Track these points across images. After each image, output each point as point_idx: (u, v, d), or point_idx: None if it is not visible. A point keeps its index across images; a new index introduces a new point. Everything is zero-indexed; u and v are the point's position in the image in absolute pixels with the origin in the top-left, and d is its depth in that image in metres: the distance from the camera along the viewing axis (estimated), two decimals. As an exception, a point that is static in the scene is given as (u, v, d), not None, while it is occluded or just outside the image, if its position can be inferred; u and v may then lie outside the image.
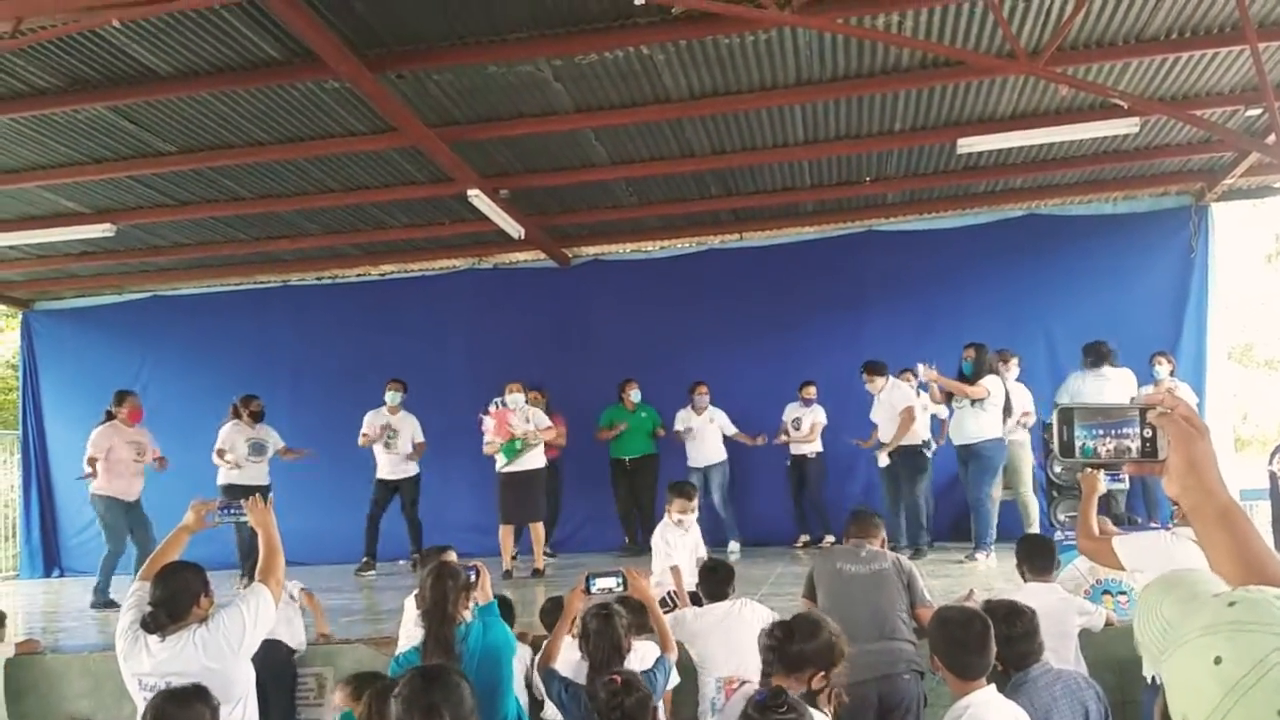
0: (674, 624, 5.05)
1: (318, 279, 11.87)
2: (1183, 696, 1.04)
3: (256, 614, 3.61)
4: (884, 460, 8.59)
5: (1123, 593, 5.33)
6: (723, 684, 3.67)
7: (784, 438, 9.83)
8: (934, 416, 9.13)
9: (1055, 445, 1.48)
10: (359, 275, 11.82)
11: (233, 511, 4.01)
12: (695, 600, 5.78)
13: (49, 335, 12.33)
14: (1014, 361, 8.92)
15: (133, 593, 3.71)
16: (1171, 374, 9.07)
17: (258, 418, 9.09)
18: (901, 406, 8.60)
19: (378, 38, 6.28)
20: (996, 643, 3.53)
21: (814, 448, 9.77)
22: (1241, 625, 1.01)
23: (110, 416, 8.47)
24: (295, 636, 5.40)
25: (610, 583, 3.95)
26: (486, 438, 8.60)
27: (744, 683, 3.65)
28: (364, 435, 9.35)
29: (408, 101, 7.13)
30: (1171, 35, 6.68)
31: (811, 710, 3.29)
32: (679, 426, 9.80)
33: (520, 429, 8.46)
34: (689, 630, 4.85)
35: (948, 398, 8.24)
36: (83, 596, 8.12)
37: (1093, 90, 7.03)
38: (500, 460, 8.56)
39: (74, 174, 8.21)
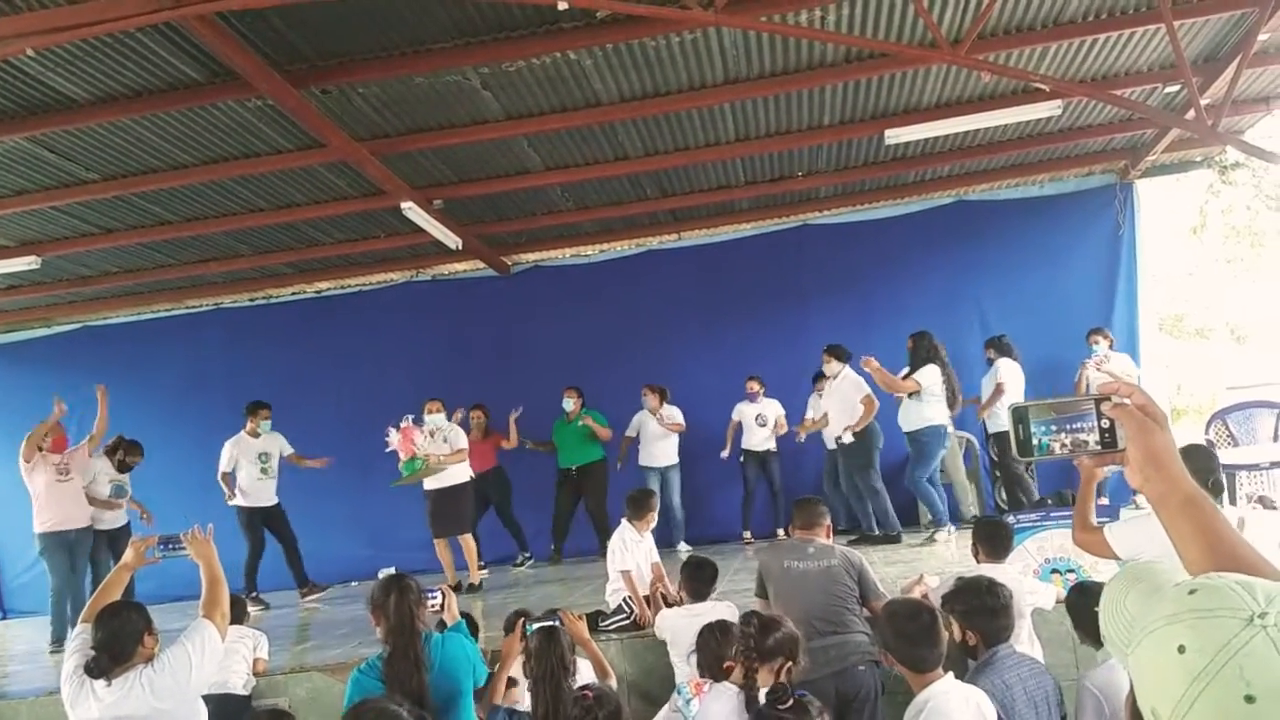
0: (661, 623, 5.07)
1: (251, 300, 11.67)
2: (1150, 688, 1.03)
3: (203, 651, 3.53)
4: (848, 437, 8.62)
5: (1071, 571, 5.43)
6: (690, 687, 3.67)
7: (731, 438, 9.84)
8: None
9: (1013, 445, 1.45)
10: (294, 293, 11.64)
11: (173, 547, 3.92)
12: (648, 603, 5.80)
13: (-24, 373, 11.98)
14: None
15: (75, 635, 3.62)
16: (1111, 348, 9.24)
17: (125, 467, 8.79)
18: (857, 395, 8.60)
19: (299, 54, 6.19)
20: (977, 616, 3.58)
21: (771, 442, 9.77)
22: (1203, 612, 1.00)
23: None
24: (241, 679, 5.29)
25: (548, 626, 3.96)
26: (389, 449, 8.39)
27: (711, 683, 3.65)
28: (225, 474, 9.06)
29: (334, 116, 7.03)
30: (1089, 17, 6.81)
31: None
32: (630, 432, 9.79)
33: (423, 449, 8.21)
34: (674, 628, 4.86)
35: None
36: (30, 638, 7.89)
37: (1014, 75, 7.15)
38: (426, 481, 8.41)
39: (-7, 207, 7.99)
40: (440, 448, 8.26)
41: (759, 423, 9.70)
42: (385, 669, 3.49)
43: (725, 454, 9.77)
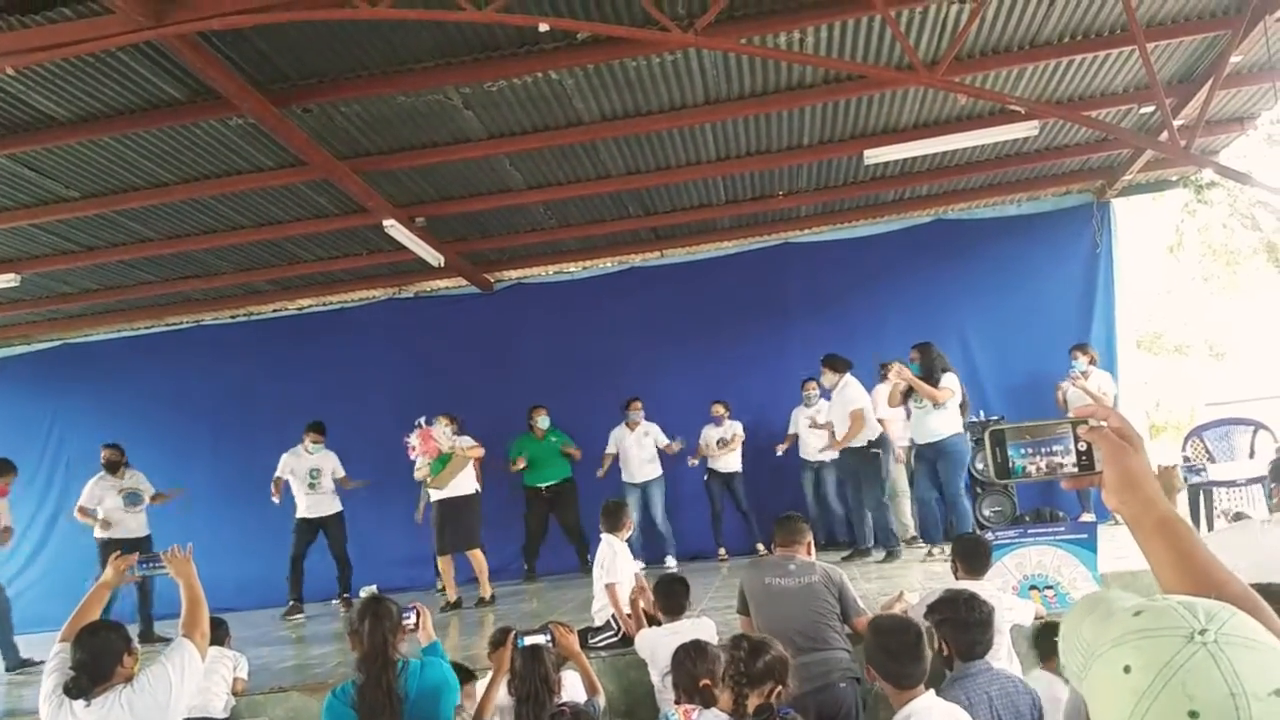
0: (640, 642, 5.06)
1: (233, 317, 11.65)
2: (1101, 710, 1.05)
3: (183, 670, 3.51)
4: (833, 454, 8.63)
5: (1049, 587, 5.47)
6: (679, 714, 3.65)
7: (707, 453, 9.85)
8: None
9: (990, 468, 1.48)
10: (275, 310, 11.62)
11: (152, 565, 3.91)
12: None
13: (-46, 390, 11.90)
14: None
15: (54, 655, 3.58)
16: (1091, 363, 9.30)
17: (115, 468, 8.68)
18: (853, 406, 8.45)
19: (281, 73, 6.22)
20: (953, 629, 3.61)
21: (737, 464, 9.80)
22: (1146, 632, 1.03)
23: None
24: (220, 700, 5.26)
25: (539, 639, 3.96)
26: (414, 458, 8.47)
27: (700, 710, 3.63)
28: (278, 479, 9.24)
29: (315, 135, 7.06)
30: (1064, 39, 6.91)
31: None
32: (610, 449, 9.80)
33: (446, 444, 8.36)
34: (654, 647, 4.85)
35: (905, 399, 8.23)
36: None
37: (990, 98, 7.22)
38: (429, 481, 8.46)
39: (-28, 225, 7.97)
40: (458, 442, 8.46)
41: (719, 445, 9.77)
42: (357, 697, 3.45)
43: (675, 447, 9.79)
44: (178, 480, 8.96)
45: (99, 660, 3.44)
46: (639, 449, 9.73)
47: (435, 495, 8.48)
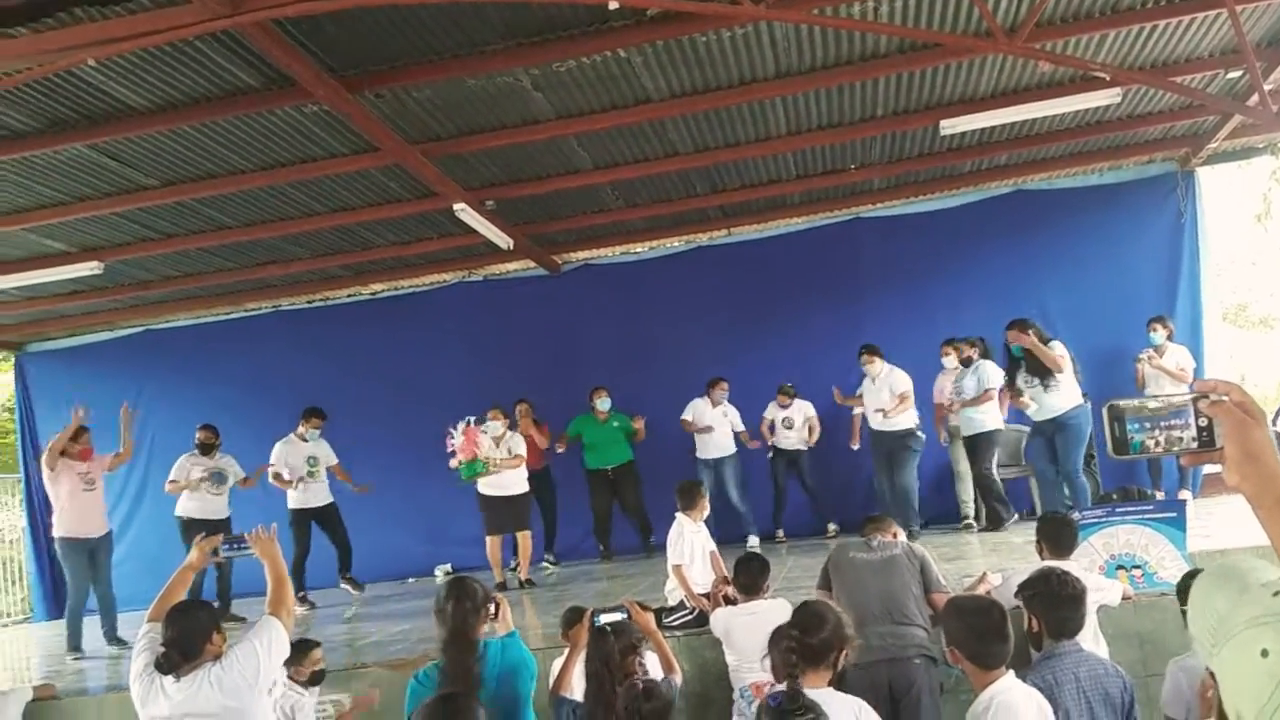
0: (714, 622, 5.06)
1: (309, 302, 11.85)
2: (1234, 691, 1.01)
3: (270, 647, 3.58)
4: (878, 423, 8.82)
5: (1137, 567, 5.33)
6: (750, 690, 3.64)
7: (769, 437, 9.84)
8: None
9: (1108, 444, 1.43)
10: (349, 296, 11.79)
11: (238, 547, 3.98)
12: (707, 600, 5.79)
13: (42, 376, 12.30)
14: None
15: (143, 635, 3.67)
16: (1169, 338, 9.07)
17: (207, 448, 8.84)
18: (900, 390, 8.69)
19: (354, 59, 6.25)
20: (1044, 605, 3.57)
21: (801, 443, 9.78)
22: None
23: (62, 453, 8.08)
24: None
25: (615, 617, 3.96)
26: (451, 450, 8.53)
27: (771, 685, 3.62)
28: (276, 473, 9.10)
29: (388, 120, 7.11)
30: (1149, 3, 6.66)
31: (828, 690, 3.32)
32: (687, 415, 9.74)
33: (485, 453, 8.40)
34: (728, 627, 4.85)
35: (1011, 382, 8.13)
36: (95, 635, 8.07)
37: (1072, 64, 7.01)
38: (480, 484, 8.57)
39: (58, 214, 8.18)
40: (502, 454, 8.48)
41: (785, 425, 9.75)
42: (441, 679, 3.47)
43: (756, 444, 9.83)
44: (258, 463, 9.11)
45: (189, 638, 3.51)
46: (718, 426, 9.69)
47: (485, 490, 8.59)
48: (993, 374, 8.69)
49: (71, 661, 7.57)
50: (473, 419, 8.46)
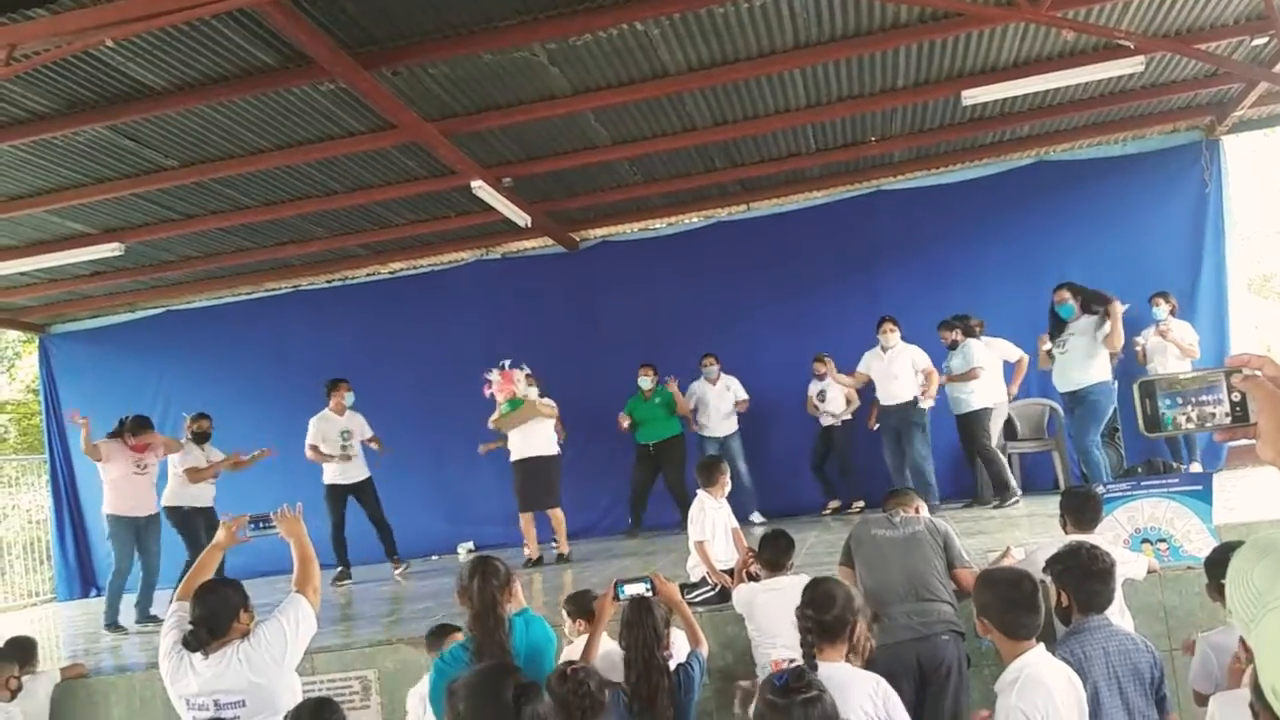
0: (737, 597, 5.06)
1: (328, 281, 11.87)
2: (1271, 665, 1.00)
3: (298, 625, 3.61)
4: (928, 403, 8.82)
5: (1162, 540, 5.30)
6: (772, 667, 3.64)
7: (809, 409, 9.87)
8: (1007, 364, 9.07)
9: (1140, 420, 1.41)
10: (369, 274, 11.82)
11: (263, 526, 4.00)
12: (731, 576, 5.79)
13: (66, 357, 12.40)
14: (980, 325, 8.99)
15: (172, 613, 3.70)
16: (1172, 313, 9.00)
17: (203, 438, 8.78)
18: (922, 365, 8.70)
19: (370, 36, 6.23)
20: (1075, 579, 3.57)
21: (842, 415, 9.80)
22: None
23: (119, 433, 8.17)
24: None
25: (639, 588, 3.97)
26: (490, 394, 8.70)
27: (791, 661, 3.63)
28: (313, 448, 9.12)
29: (404, 97, 7.08)
30: (1173, -31, 6.57)
31: (845, 665, 3.35)
32: (690, 401, 9.80)
33: (522, 390, 8.59)
34: (751, 603, 4.85)
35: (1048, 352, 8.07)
36: (122, 616, 8.16)
37: (1097, 32, 6.90)
38: (495, 420, 8.70)
39: (78, 196, 8.20)
40: (538, 396, 8.69)
41: (819, 399, 9.78)
42: (474, 655, 3.49)
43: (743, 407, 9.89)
44: (279, 442, 9.14)
45: (217, 615, 3.55)
46: (719, 402, 9.72)
47: (516, 454, 8.64)
48: (977, 352, 8.63)
49: (109, 638, 7.63)
50: (507, 361, 8.54)
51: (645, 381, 9.84)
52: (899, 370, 8.80)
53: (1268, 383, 1.29)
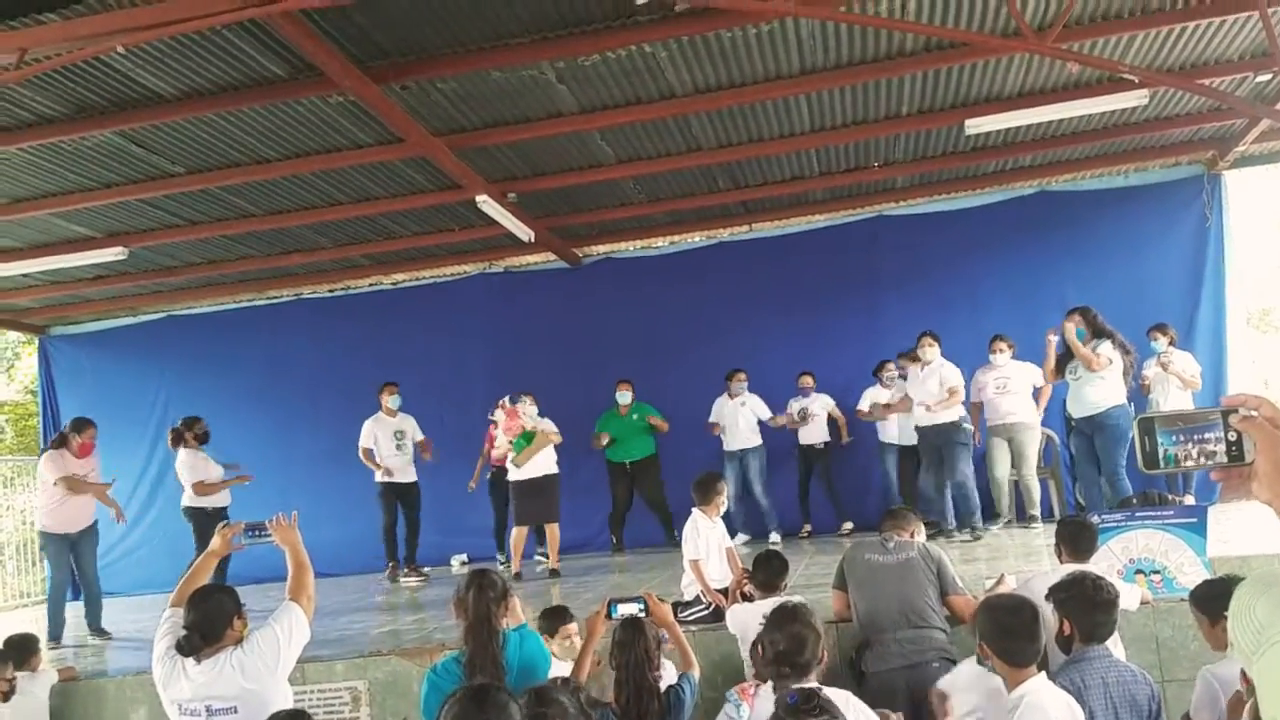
0: (731, 618, 5.06)
1: (330, 291, 11.90)
2: (1273, 698, 1.01)
3: (290, 632, 3.61)
4: (924, 418, 8.55)
5: (1156, 572, 5.31)
6: (736, 693, 3.60)
7: (788, 423, 9.81)
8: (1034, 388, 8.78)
9: (1139, 458, 1.43)
10: (371, 285, 11.85)
11: (258, 533, 4.01)
12: (725, 596, 5.79)
13: (66, 359, 12.41)
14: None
15: (166, 619, 3.71)
16: (1171, 344, 9.00)
17: (202, 440, 8.77)
18: (950, 383, 8.39)
19: (380, 50, 6.27)
20: (1078, 609, 3.58)
21: (822, 436, 9.79)
22: None
23: (62, 443, 8.01)
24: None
25: (632, 608, 3.96)
26: (498, 431, 8.71)
27: (758, 686, 3.60)
28: (366, 451, 9.34)
29: (412, 111, 7.12)
30: (1178, 5, 6.59)
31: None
32: (713, 419, 9.79)
33: (531, 423, 8.62)
34: (745, 624, 4.83)
35: (1059, 370, 7.96)
36: (114, 618, 8.14)
37: (1101, 66, 6.95)
38: (513, 459, 8.65)
39: (84, 199, 8.23)
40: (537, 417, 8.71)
41: (800, 417, 9.74)
42: (467, 667, 3.48)
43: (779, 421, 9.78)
44: (276, 449, 9.18)
45: (211, 621, 3.55)
46: (740, 418, 9.70)
47: (516, 475, 8.64)
48: (952, 375, 8.43)
49: (127, 634, 7.67)
50: (508, 399, 8.56)
51: (624, 397, 9.85)
52: (933, 388, 8.45)
53: (1266, 424, 1.30)
